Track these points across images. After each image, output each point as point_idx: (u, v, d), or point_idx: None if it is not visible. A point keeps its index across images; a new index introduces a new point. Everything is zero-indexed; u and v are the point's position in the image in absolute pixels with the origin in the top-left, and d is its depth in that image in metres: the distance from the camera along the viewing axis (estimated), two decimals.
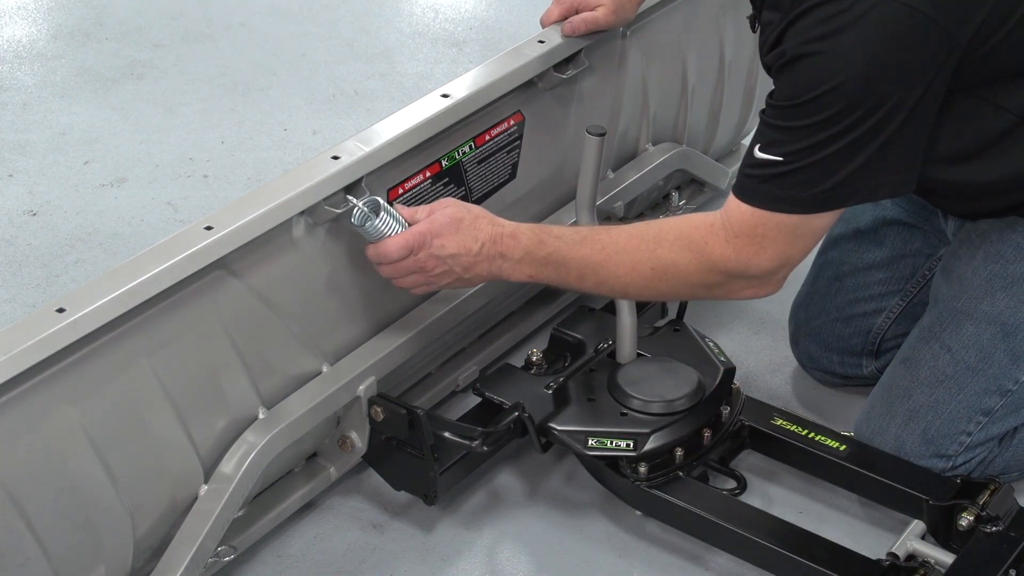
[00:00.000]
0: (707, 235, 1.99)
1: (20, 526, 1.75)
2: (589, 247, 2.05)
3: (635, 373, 2.25)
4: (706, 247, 1.99)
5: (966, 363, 2.16)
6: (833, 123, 1.86)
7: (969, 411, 2.17)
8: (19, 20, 3.91)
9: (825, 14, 1.85)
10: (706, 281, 2.02)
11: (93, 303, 1.75)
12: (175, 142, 3.32)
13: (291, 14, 3.96)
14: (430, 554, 2.20)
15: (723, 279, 2.01)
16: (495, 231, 2.06)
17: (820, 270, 2.47)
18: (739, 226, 1.96)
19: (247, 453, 1.99)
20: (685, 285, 2.04)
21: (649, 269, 2.02)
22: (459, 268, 2.06)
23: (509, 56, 2.31)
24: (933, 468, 2.18)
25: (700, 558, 2.19)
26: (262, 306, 2.01)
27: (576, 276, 2.06)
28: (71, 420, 1.79)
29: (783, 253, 1.98)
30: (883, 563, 2.02)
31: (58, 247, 2.93)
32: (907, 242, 2.39)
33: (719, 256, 1.98)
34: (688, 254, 2.00)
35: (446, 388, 2.44)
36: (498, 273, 2.08)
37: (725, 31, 2.74)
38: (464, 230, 2.05)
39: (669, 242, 2.01)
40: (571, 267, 2.05)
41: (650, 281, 2.03)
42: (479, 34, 3.84)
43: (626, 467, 2.14)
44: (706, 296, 2.09)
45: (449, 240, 2.04)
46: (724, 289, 2.03)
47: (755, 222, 1.95)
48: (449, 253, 2.04)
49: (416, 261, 2.04)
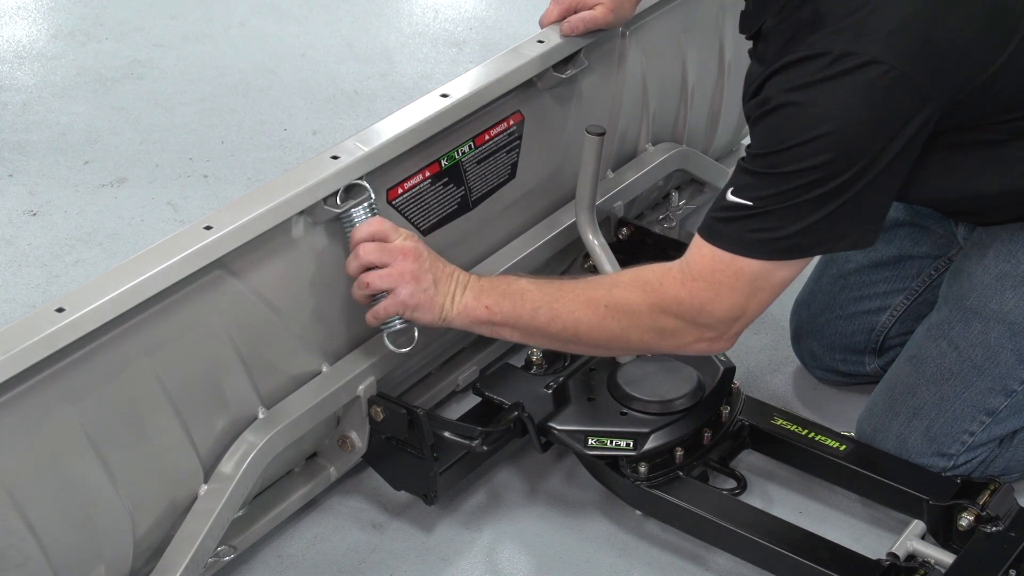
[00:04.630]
0: (663, 276, 1.98)
1: (20, 526, 1.75)
2: (551, 285, 2.04)
3: (635, 373, 2.25)
4: (660, 287, 1.97)
5: (972, 361, 2.15)
6: (806, 174, 1.87)
7: (973, 410, 2.17)
8: (19, 20, 3.91)
9: (808, 69, 1.87)
10: (658, 325, 1.99)
11: (93, 303, 1.75)
12: (175, 142, 3.32)
13: (291, 14, 3.96)
14: (430, 554, 2.20)
15: (675, 324, 1.98)
16: (456, 272, 2.07)
17: (824, 268, 2.47)
18: (698, 269, 1.95)
19: (247, 453, 1.99)
20: (636, 328, 2.00)
21: (603, 306, 2.00)
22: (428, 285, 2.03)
23: (509, 56, 2.31)
24: (934, 467, 2.18)
25: (700, 558, 2.19)
26: (262, 306, 2.01)
27: (531, 308, 2.02)
28: (71, 420, 1.79)
29: (738, 305, 1.96)
30: (883, 563, 2.02)
31: (58, 247, 2.93)
32: (916, 243, 2.38)
33: (672, 297, 1.96)
34: (642, 294, 1.98)
35: (446, 388, 2.44)
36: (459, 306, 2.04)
37: (725, 31, 2.74)
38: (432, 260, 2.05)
39: (624, 282, 2.01)
40: (527, 299, 2.02)
41: (603, 319, 2.00)
42: (479, 34, 3.84)
43: (626, 467, 2.15)
44: (657, 346, 2.04)
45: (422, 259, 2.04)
46: (676, 339, 2.00)
47: (713, 267, 1.94)
48: (421, 269, 2.03)
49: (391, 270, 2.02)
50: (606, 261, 2.32)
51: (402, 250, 2.02)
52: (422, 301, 2.04)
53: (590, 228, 2.33)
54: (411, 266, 2.02)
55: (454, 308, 2.05)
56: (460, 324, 2.06)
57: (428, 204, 2.24)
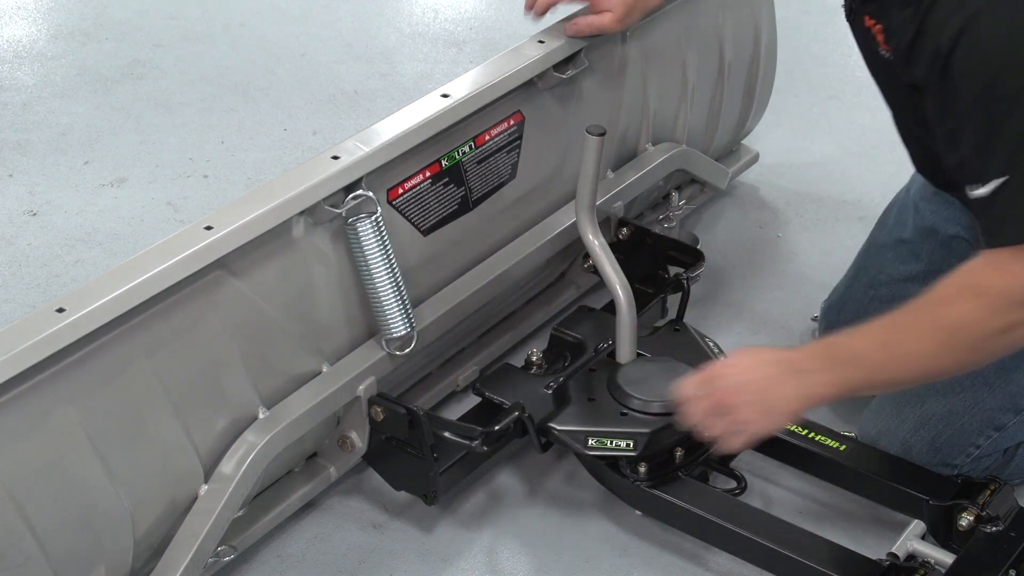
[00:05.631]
0: (981, 271, 1.79)
1: (20, 526, 1.75)
2: (874, 332, 1.86)
3: (635, 373, 2.25)
4: (986, 282, 1.79)
5: (984, 377, 2.13)
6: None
7: (981, 425, 2.15)
8: (19, 20, 3.91)
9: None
10: (1003, 324, 1.78)
11: (93, 303, 1.75)
12: (175, 142, 3.32)
13: (291, 14, 3.96)
14: (430, 554, 2.20)
15: (1019, 315, 1.78)
16: (781, 354, 1.91)
17: (856, 276, 2.46)
18: (1002, 256, 1.77)
19: (247, 453, 1.99)
20: (981, 339, 1.80)
21: (935, 330, 1.81)
22: (755, 392, 1.89)
23: (509, 56, 2.31)
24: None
25: (700, 558, 2.19)
26: (262, 306, 2.01)
27: (869, 366, 1.85)
28: (71, 420, 1.79)
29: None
30: (883, 563, 2.01)
31: (58, 247, 2.93)
32: (944, 258, 2.34)
33: (1003, 286, 1.77)
34: (972, 299, 1.79)
35: (446, 388, 2.44)
36: (804, 392, 1.87)
37: (725, 31, 2.74)
38: (747, 361, 1.92)
39: (949, 297, 1.82)
40: (863, 357, 1.85)
41: (944, 345, 1.81)
42: (479, 34, 3.84)
43: (626, 467, 2.15)
44: (1008, 346, 1.83)
45: (738, 371, 1.92)
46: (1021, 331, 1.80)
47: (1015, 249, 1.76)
48: (743, 380, 1.90)
49: (710, 397, 1.93)
50: (606, 261, 2.32)
51: (722, 391, 1.92)
52: (770, 424, 1.93)
53: (590, 228, 2.32)
54: (738, 398, 1.90)
55: (802, 399, 1.90)
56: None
57: (428, 204, 2.24)
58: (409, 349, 2.16)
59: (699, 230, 2.90)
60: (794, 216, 3.02)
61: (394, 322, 2.12)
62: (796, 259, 2.88)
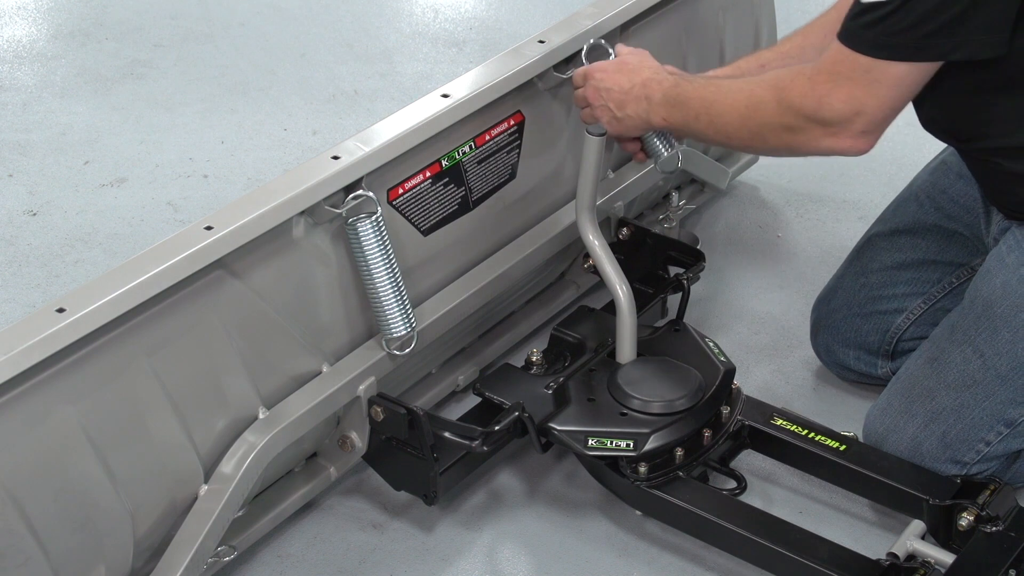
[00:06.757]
0: (795, 75, 2.03)
1: (20, 526, 1.75)
2: (711, 87, 2.15)
3: (635, 373, 2.25)
4: (790, 84, 2.02)
5: (997, 371, 2.13)
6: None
7: (992, 420, 2.14)
8: (19, 20, 3.91)
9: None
10: (785, 123, 2.03)
11: (93, 303, 1.75)
12: (175, 142, 3.32)
13: (291, 14, 3.96)
14: (430, 554, 2.20)
15: (799, 121, 2.01)
16: (650, 76, 2.19)
17: (849, 266, 2.47)
18: (823, 63, 1.98)
19: (247, 453, 1.99)
20: (768, 127, 2.05)
21: (743, 107, 2.07)
22: (612, 104, 2.20)
23: (509, 56, 2.31)
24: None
25: (700, 558, 2.19)
26: (262, 306, 2.01)
27: (693, 115, 2.14)
28: (71, 420, 1.79)
29: (855, 97, 1.95)
30: (883, 563, 2.02)
31: (58, 247, 2.93)
32: (942, 249, 2.36)
33: (797, 93, 2.00)
34: (773, 92, 2.04)
35: (446, 388, 2.44)
36: (644, 116, 2.19)
37: (725, 31, 2.74)
38: (624, 71, 2.21)
39: (765, 82, 2.08)
40: (690, 106, 2.14)
41: (743, 120, 2.07)
42: (479, 34, 3.84)
43: (626, 467, 2.14)
44: (791, 146, 2.08)
45: (608, 76, 2.21)
46: (803, 135, 2.02)
47: (835, 59, 1.96)
48: (605, 87, 2.20)
49: (583, 91, 2.24)
50: (606, 261, 2.32)
51: (591, 90, 2.23)
52: (620, 130, 2.24)
53: (590, 228, 2.33)
54: (599, 101, 2.22)
55: (641, 121, 2.21)
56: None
57: (428, 204, 2.24)
58: (409, 349, 2.16)
59: (699, 230, 2.90)
60: (794, 216, 3.02)
61: (394, 322, 2.12)
62: (796, 259, 2.88)
